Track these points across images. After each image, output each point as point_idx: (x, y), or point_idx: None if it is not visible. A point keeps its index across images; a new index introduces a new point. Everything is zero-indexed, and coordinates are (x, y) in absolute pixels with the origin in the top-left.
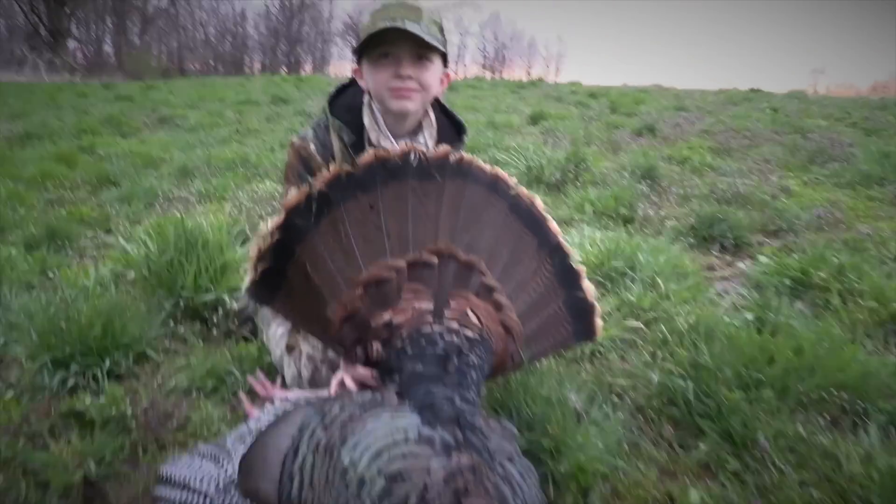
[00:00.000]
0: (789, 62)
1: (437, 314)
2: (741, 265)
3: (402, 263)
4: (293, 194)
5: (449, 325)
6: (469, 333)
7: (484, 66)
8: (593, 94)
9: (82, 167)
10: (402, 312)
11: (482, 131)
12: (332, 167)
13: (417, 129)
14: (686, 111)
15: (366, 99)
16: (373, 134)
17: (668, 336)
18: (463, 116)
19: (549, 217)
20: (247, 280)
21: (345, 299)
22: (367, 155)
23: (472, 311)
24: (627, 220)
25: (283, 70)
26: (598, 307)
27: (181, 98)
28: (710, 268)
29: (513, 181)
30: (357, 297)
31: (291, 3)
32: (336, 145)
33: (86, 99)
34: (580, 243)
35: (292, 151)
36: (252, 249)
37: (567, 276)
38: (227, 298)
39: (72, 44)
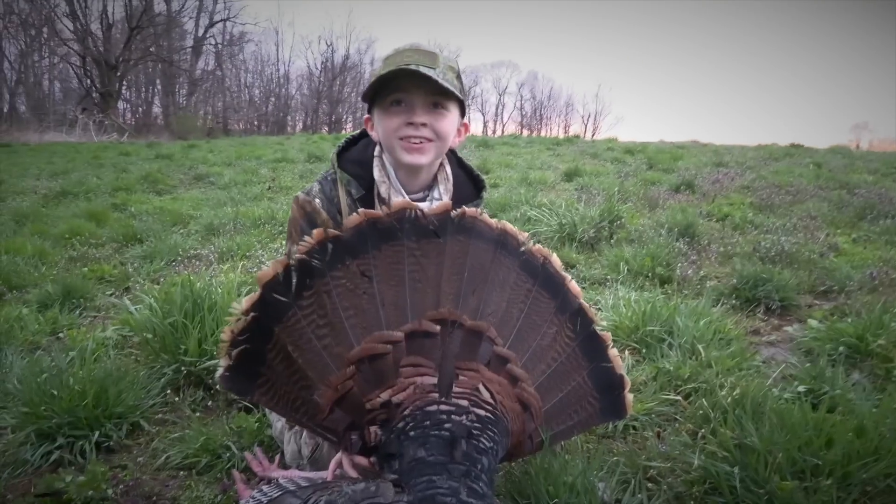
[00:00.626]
0: (830, 117)
1: (444, 390)
2: (789, 329)
3: (399, 335)
4: (268, 267)
5: (458, 402)
6: (481, 412)
7: (521, 125)
8: (630, 150)
9: (111, 225)
10: (402, 389)
11: (514, 188)
12: (315, 232)
13: (432, 184)
14: (725, 167)
15: (376, 151)
16: (383, 188)
17: (711, 412)
18: (497, 173)
19: (567, 276)
20: (220, 368)
21: (334, 380)
22: (355, 216)
23: (485, 385)
24: (665, 281)
25: (325, 129)
26: (628, 380)
27: (220, 156)
28: (755, 332)
29: (524, 236)
30: (348, 376)
31: (333, 64)
32: (343, 200)
33: (128, 157)
34: (614, 305)
35: (296, 207)
36: (224, 333)
37: (591, 345)
38: None
39: (122, 105)
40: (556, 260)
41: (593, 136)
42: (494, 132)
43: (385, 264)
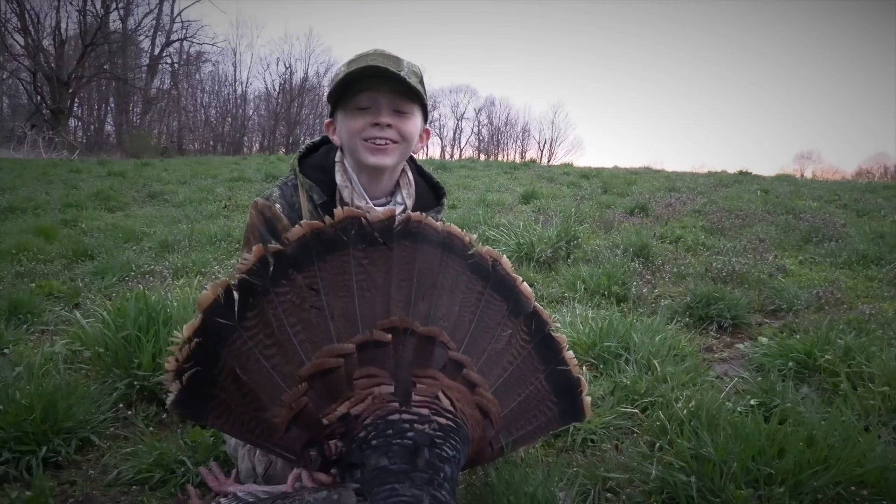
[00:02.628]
0: (775, 146)
1: (404, 399)
2: (740, 346)
3: (350, 347)
4: (207, 291)
5: (418, 411)
6: (442, 420)
7: (479, 150)
8: (586, 174)
9: (60, 241)
10: (360, 401)
11: (473, 209)
12: (255, 249)
13: (394, 190)
14: (678, 192)
15: (338, 156)
16: (345, 192)
17: (668, 423)
18: (455, 195)
19: (519, 278)
20: (171, 394)
21: (287, 399)
22: (298, 227)
23: (444, 393)
24: (621, 299)
25: (282, 150)
26: (585, 382)
27: (175, 174)
28: (709, 349)
29: (470, 238)
30: (301, 393)
31: (292, 86)
32: (305, 206)
33: (78, 174)
34: (571, 322)
35: (255, 212)
36: (169, 362)
37: (547, 347)
38: None
39: (73, 122)
40: (506, 262)
41: (549, 161)
42: (452, 156)
43: (331, 275)
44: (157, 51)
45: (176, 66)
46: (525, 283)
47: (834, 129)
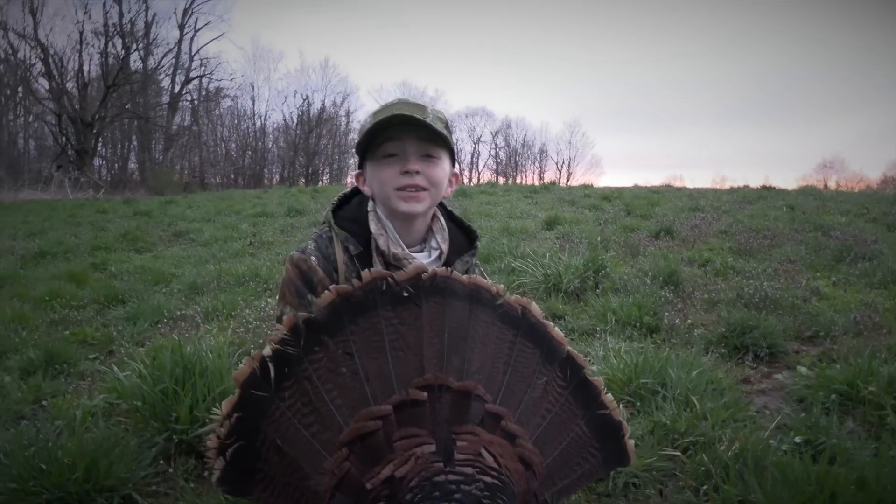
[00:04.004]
0: (796, 156)
1: (447, 458)
2: (779, 377)
3: (387, 408)
4: (243, 365)
5: (463, 470)
6: (487, 479)
7: (497, 173)
8: (607, 196)
9: (92, 285)
10: (404, 462)
11: (497, 238)
12: (285, 319)
13: (428, 235)
14: (702, 211)
15: (370, 206)
16: (381, 241)
17: (712, 467)
18: (477, 222)
19: (550, 324)
20: (216, 471)
21: (329, 466)
22: (327, 293)
23: (487, 449)
24: (653, 330)
25: (302, 181)
26: (627, 426)
27: (199, 212)
28: (746, 380)
29: (497, 288)
30: (342, 459)
31: (310, 117)
32: (340, 257)
33: (105, 215)
34: (604, 356)
35: (291, 266)
36: (210, 439)
37: (584, 392)
38: None
39: (97, 161)
40: (535, 308)
41: (568, 181)
42: (471, 180)
43: (364, 338)
44: (177, 88)
45: (196, 102)
46: (556, 328)
47: (856, 134)
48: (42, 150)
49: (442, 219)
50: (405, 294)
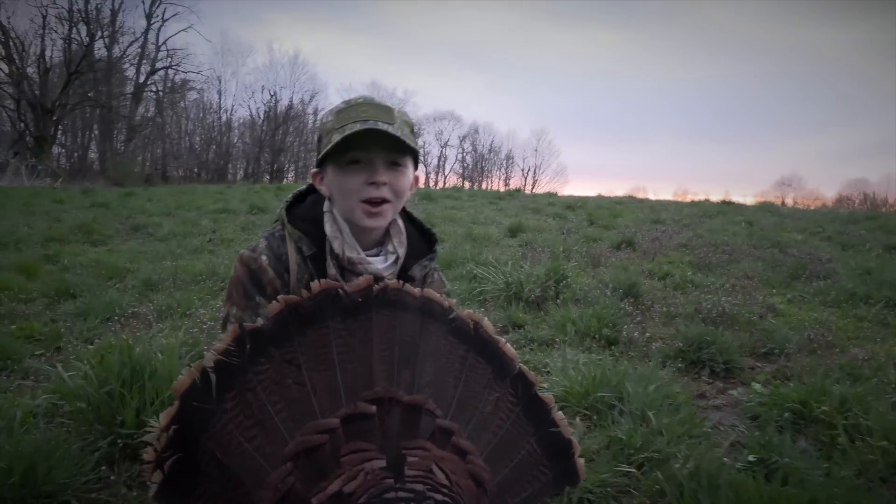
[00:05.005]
0: (755, 172)
1: (397, 474)
2: (734, 393)
3: (334, 422)
4: (183, 376)
5: (413, 487)
6: (438, 497)
7: (463, 177)
8: (570, 205)
9: (42, 278)
10: (352, 478)
11: (460, 244)
12: (230, 329)
13: (385, 238)
14: (663, 224)
15: (326, 206)
16: (336, 244)
17: (666, 485)
18: (441, 227)
19: (501, 340)
20: (152, 487)
21: (272, 481)
22: (274, 304)
23: (438, 465)
24: (611, 342)
25: (266, 178)
26: (577, 444)
27: (159, 205)
28: (702, 396)
29: (449, 302)
30: (286, 473)
31: (276, 114)
32: (293, 258)
33: (61, 205)
34: (563, 368)
35: (240, 265)
36: (147, 452)
37: (535, 409)
38: None
39: (56, 150)
40: (487, 324)
41: (533, 188)
42: (437, 184)
43: (312, 350)
44: (141, 79)
45: (161, 93)
46: (508, 344)
47: (813, 153)
48: None
49: (400, 222)
50: (354, 307)
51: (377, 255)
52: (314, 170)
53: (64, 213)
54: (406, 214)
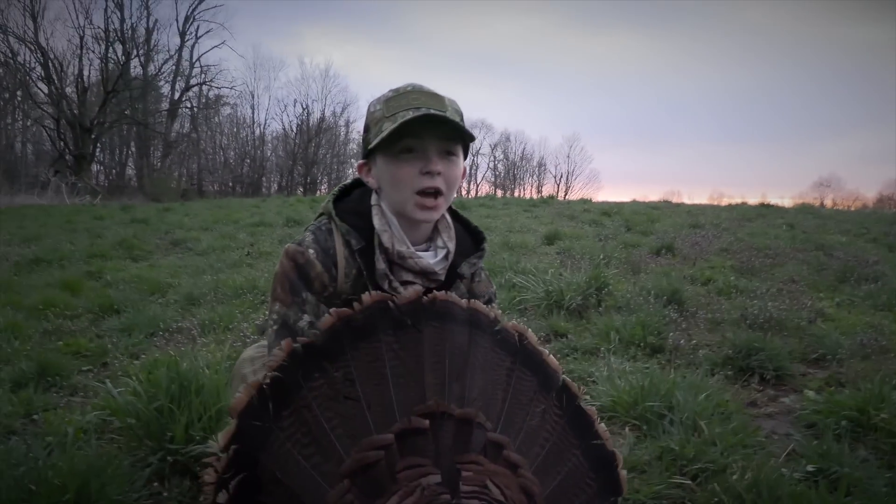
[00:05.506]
0: (793, 173)
1: (453, 490)
2: (786, 401)
3: (389, 437)
4: (240, 394)
5: (469, 502)
6: None
7: (495, 185)
8: (606, 211)
9: (87, 294)
10: (409, 494)
11: (497, 252)
12: (284, 344)
13: (434, 233)
14: (701, 228)
15: (374, 199)
16: (385, 237)
17: (724, 497)
18: None
19: (545, 351)
20: None
21: (331, 499)
22: (327, 318)
23: (492, 480)
24: (657, 350)
25: (300, 191)
26: (620, 455)
27: (196, 220)
28: (753, 404)
29: (495, 313)
30: (344, 492)
31: (309, 126)
32: (340, 252)
33: (101, 222)
34: (608, 377)
35: (286, 259)
36: (207, 473)
37: (579, 421)
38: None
39: (95, 167)
40: (532, 335)
41: (566, 195)
42: (469, 193)
43: (365, 363)
44: (176, 95)
45: (195, 109)
46: (551, 356)
47: (852, 153)
48: (40, 155)
49: (448, 217)
50: (405, 319)
51: (427, 249)
52: (360, 161)
53: (105, 230)
54: (452, 212)
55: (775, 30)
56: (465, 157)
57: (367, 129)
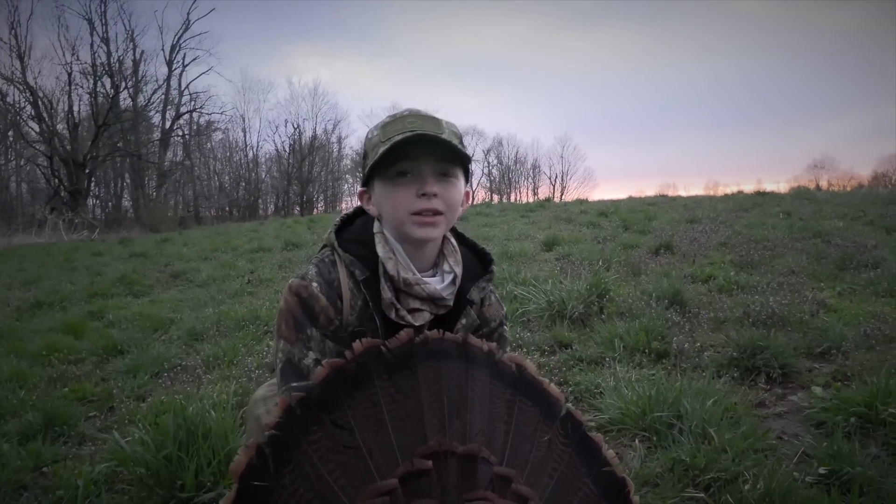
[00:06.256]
0: (786, 156)
1: None
2: (794, 398)
3: (393, 482)
4: (239, 456)
5: None
6: None
7: (491, 190)
8: (603, 211)
9: (90, 336)
10: None
11: (497, 263)
12: (279, 402)
13: (439, 258)
14: (699, 223)
15: (376, 227)
16: (390, 265)
17: None
18: None
19: (546, 381)
20: None
21: None
22: (320, 370)
23: None
24: (661, 355)
25: (296, 210)
26: (631, 482)
27: (195, 249)
28: (761, 404)
29: (489, 346)
30: None
31: (301, 145)
32: (345, 283)
33: (100, 258)
34: (615, 388)
35: (289, 295)
36: None
37: (587, 449)
38: None
39: (91, 201)
40: (530, 365)
41: (562, 196)
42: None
43: (362, 411)
44: (167, 124)
45: (187, 137)
46: (552, 384)
47: (844, 133)
48: (35, 193)
49: (453, 240)
50: (398, 362)
51: (433, 276)
52: (361, 189)
53: (104, 266)
54: (457, 235)
55: (757, 13)
56: (467, 181)
57: (365, 155)
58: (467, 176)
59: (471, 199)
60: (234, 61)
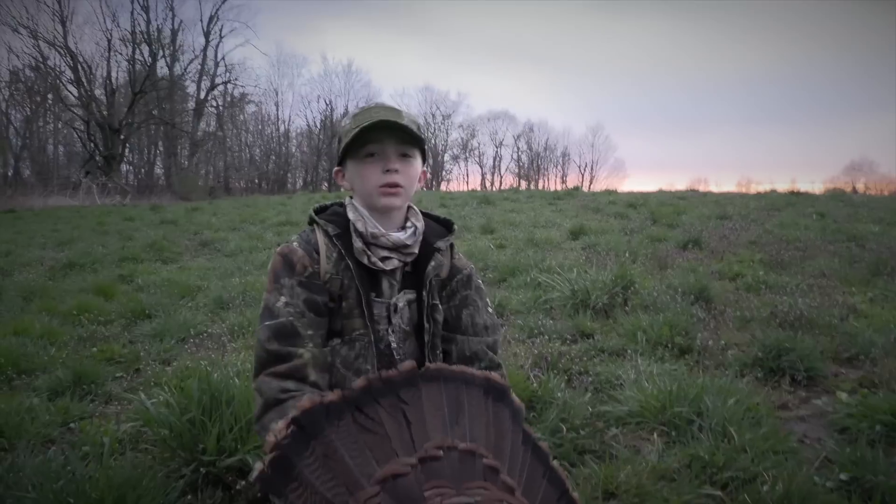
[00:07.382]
0: (823, 157)
1: None
2: (818, 402)
3: (413, 459)
4: (255, 471)
5: None
6: None
7: (519, 176)
8: (632, 203)
9: (119, 299)
10: None
11: (522, 249)
12: (280, 425)
13: (405, 224)
14: (729, 219)
15: (346, 200)
16: (359, 224)
17: None
18: (502, 232)
19: (517, 399)
20: None
21: (360, 497)
22: (361, 381)
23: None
24: (685, 350)
25: (325, 186)
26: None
27: (224, 220)
28: (784, 406)
29: (482, 373)
30: (373, 495)
31: (332, 122)
32: (321, 240)
33: (132, 223)
34: (636, 380)
35: (275, 256)
36: None
37: (539, 453)
38: (251, 461)
39: (124, 167)
40: (496, 376)
41: (591, 185)
42: (493, 184)
43: (385, 408)
44: (202, 94)
45: (220, 108)
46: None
47: (885, 135)
48: (71, 156)
49: (419, 211)
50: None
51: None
52: (336, 168)
53: (135, 232)
54: (423, 213)
55: (796, 8)
56: (424, 162)
57: (339, 140)
58: (424, 158)
59: (426, 177)
60: (269, 35)
